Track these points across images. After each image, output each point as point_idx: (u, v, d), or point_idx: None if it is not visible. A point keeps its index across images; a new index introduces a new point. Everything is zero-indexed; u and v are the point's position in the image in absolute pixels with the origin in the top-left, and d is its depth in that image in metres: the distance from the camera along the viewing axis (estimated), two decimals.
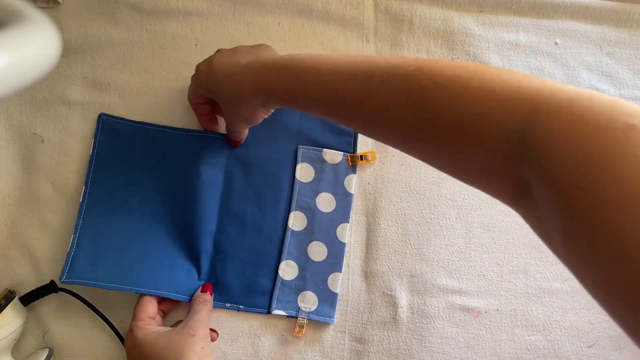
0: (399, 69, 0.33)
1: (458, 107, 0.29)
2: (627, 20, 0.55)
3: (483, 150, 0.29)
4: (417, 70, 0.32)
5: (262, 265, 0.51)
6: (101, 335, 0.50)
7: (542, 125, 0.26)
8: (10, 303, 0.46)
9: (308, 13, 0.54)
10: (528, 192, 0.28)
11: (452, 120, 0.30)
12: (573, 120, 0.25)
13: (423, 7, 0.54)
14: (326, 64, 0.37)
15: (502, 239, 0.52)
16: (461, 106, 0.29)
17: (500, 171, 0.29)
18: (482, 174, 0.31)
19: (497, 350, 0.51)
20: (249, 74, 0.41)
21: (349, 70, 0.35)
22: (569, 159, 0.24)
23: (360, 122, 0.37)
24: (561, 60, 0.55)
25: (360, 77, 0.34)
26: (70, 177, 0.52)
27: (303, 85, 0.38)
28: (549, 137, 0.25)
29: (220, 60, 0.43)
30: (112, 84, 0.53)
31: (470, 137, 0.29)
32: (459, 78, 0.30)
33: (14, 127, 0.52)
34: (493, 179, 0.30)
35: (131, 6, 0.53)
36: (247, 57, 0.42)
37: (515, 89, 0.28)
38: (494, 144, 0.28)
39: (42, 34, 0.27)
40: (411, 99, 0.32)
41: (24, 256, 0.51)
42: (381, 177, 0.53)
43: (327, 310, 0.50)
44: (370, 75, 0.34)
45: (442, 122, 0.30)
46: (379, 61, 0.35)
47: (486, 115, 0.28)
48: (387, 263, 0.51)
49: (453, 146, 0.31)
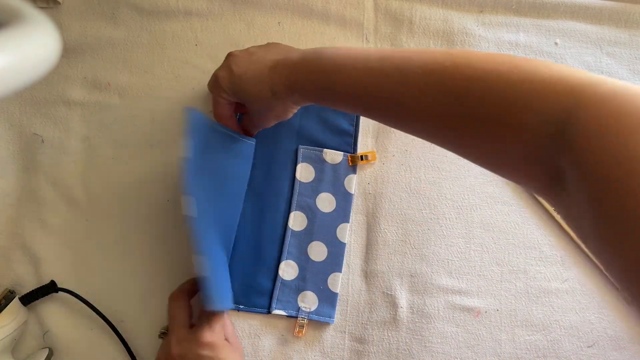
0: (435, 65, 0.33)
1: (498, 98, 0.30)
2: (627, 20, 0.55)
3: (521, 141, 0.29)
4: (454, 65, 0.32)
5: (262, 265, 0.51)
6: (101, 335, 0.50)
7: (584, 117, 0.26)
8: (10, 303, 0.46)
9: (308, 13, 0.54)
10: (561, 180, 0.28)
11: (491, 112, 0.30)
12: (616, 113, 0.25)
13: (423, 7, 0.54)
14: (355, 61, 0.37)
15: (502, 239, 0.52)
16: (501, 97, 0.29)
17: (536, 160, 0.29)
18: (518, 164, 0.31)
19: (497, 350, 0.51)
20: (278, 74, 0.41)
21: (380, 68, 0.35)
22: (608, 150, 0.24)
23: (394, 117, 0.37)
24: (561, 60, 0.55)
25: (395, 75, 0.34)
26: (70, 177, 0.52)
27: (334, 83, 0.38)
28: (590, 128, 0.26)
29: (240, 64, 0.43)
30: (112, 84, 0.53)
31: (510, 127, 0.29)
32: (498, 70, 0.30)
33: (14, 127, 0.52)
34: (528, 169, 0.30)
35: (131, 6, 0.53)
36: (268, 57, 0.42)
37: (556, 79, 0.28)
38: (532, 134, 0.28)
39: (42, 34, 0.27)
40: (449, 94, 0.32)
41: (24, 256, 0.51)
42: (381, 177, 0.53)
43: (327, 310, 0.50)
44: (404, 72, 0.34)
45: (481, 114, 0.30)
46: (412, 56, 0.34)
47: (526, 106, 0.28)
48: (387, 263, 0.51)
49: (491, 138, 0.31)
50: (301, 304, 0.50)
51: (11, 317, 0.46)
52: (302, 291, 0.50)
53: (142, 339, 0.50)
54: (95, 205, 0.52)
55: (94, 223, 0.51)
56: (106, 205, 0.52)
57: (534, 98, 0.28)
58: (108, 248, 0.51)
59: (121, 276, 0.51)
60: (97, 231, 0.51)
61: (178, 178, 0.51)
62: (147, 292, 0.51)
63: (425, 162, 0.53)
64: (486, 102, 0.30)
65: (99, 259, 0.51)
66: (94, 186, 0.52)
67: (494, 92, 0.30)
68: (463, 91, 0.31)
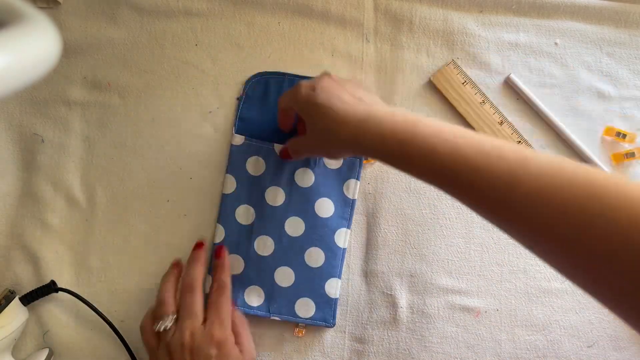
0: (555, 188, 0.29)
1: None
2: (627, 20, 0.55)
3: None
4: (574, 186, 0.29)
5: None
6: (101, 335, 0.50)
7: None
8: (10, 303, 0.46)
9: (308, 13, 0.54)
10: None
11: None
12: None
13: (423, 7, 0.54)
14: (455, 145, 0.34)
15: (502, 239, 0.52)
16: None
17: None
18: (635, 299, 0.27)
19: (497, 350, 0.51)
20: (362, 129, 0.38)
21: (488, 171, 0.32)
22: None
23: (497, 221, 0.34)
24: (561, 60, 0.55)
25: (505, 177, 0.31)
26: (70, 177, 0.52)
27: (421, 167, 0.35)
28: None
29: (328, 94, 0.40)
30: (112, 84, 0.53)
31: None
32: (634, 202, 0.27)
33: (14, 127, 0.52)
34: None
35: (131, 6, 0.53)
36: (357, 105, 0.39)
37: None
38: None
39: (42, 34, 0.27)
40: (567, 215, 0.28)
41: (24, 256, 0.51)
42: (381, 177, 0.53)
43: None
44: (516, 177, 0.31)
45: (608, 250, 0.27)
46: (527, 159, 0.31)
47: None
48: (387, 263, 0.51)
49: (612, 275, 0.27)
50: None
51: (11, 317, 0.46)
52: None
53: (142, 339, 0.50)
54: (95, 206, 0.52)
55: (94, 223, 0.51)
56: (106, 205, 0.52)
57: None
58: (108, 248, 0.51)
59: (121, 276, 0.51)
60: (97, 231, 0.51)
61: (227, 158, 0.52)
62: (147, 292, 0.51)
63: None
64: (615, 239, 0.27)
65: (99, 259, 0.51)
66: (94, 186, 0.52)
67: (626, 229, 0.27)
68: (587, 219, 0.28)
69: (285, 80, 0.53)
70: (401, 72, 0.54)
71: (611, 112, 0.54)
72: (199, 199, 0.52)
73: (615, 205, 0.27)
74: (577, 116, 0.54)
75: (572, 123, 0.54)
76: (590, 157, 0.52)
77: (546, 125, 0.54)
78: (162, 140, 0.53)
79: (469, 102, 0.53)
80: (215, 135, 0.53)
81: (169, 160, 0.52)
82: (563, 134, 0.53)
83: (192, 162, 0.52)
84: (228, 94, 0.53)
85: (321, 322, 0.50)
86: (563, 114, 0.54)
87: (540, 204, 0.30)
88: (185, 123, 0.53)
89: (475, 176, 0.33)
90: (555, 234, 0.29)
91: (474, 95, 0.53)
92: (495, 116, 0.53)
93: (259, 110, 0.52)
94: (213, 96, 0.53)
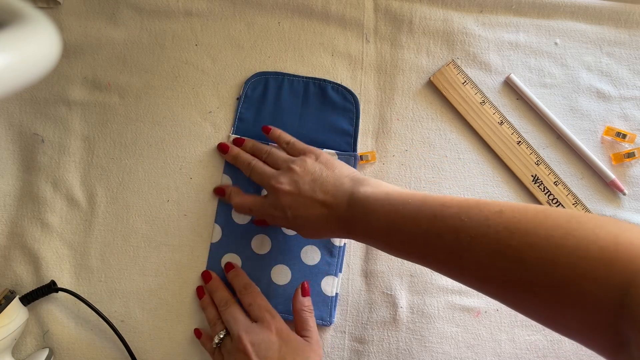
0: (486, 229, 0.33)
1: (555, 268, 0.29)
2: (627, 20, 0.55)
3: (583, 308, 0.29)
4: (507, 231, 0.32)
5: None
6: (101, 335, 0.50)
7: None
8: (10, 303, 0.46)
9: (308, 13, 0.54)
10: (625, 346, 0.28)
11: (550, 281, 0.30)
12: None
13: (423, 7, 0.54)
14: (405, 221, 0.37)
15: None
16: (558, 267, 0.29)
17: (599, 326, 0.29)
18: (581, 329, 0.30)
19: (497, 350, 0.51)
20: (331, 224, 0.42)
21: (432, 228, 0.35)
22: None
23: (451, 275, 0.37)
24: (561, 60, 0.55)
25: (447, 236, 0.35)
26: (70, 177, 0.52)
27: (387, 240, 0.39)
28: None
29: (292, 205, 0.43)
30: (112, 84, 0.53)
31: (570, 295, 0.29)
32: (552, 238, 0.30)
33: (14, 127, 0.52)
34: (591, 334, 0.30)
35: (131, 6, 0.54)
36: (317, 196, 0.42)
37: (613, 249, 0.28)
38: (594, 302, 0.28)
39: (42, 34, 0.27)
40: (504, 260, 0.32)
41: (24, 256, 0.51)
42: (381, 177, 0.53)
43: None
44: (456, 234, 0.34)
45: (540, 282, 0.30)
46: (460, 214, 0.34)
47: (584, 275, 0.28)
48: (387, 263, 0.51)
49: (552, 304, 0.30)
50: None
51: (11, 317, 0.46)
52: None
53: (142, 339, 0.50)
54: (95, 206, 0.52)
55: (94, 223, 0.51)
56: (106, 205, 0.52)
57: (592, 267, 0.28)
58: (108, 248, 0.51)
59: (121, 276, 0.51)
60: (97, 231, 0.51)
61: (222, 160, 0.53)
62: (147, 292, 0.51)
63: (425, 162, 0.53)
64: (544, 271, 0.30)
65: (99, 259, 0.51)
66: (94, 186, 0.52)
67: (549, 261, 0.30)
68: (518, 258, 0.31)
69: (284, 80, 0.53)
70: (401, 72, 0.54)
71: (611, 112, 0.54)
72: (199, 199, 0.52)
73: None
74: (577, 116, 0.54)
75: (572, 123, 0.54)
76: (590, 157, 0.52)
77: (546, 125, 0.54)
78: (162, 140, 0.53)
79: (469, 102, 0.53)
80: (215, 135, 0.53)
81: (169, 160, 0.52)
82: (563, 134, 0.53)
83: (192, 162, 0.52)
84: (228, 94, 0.53)
85: (318, 320, 0.50)
86: (563, 114, 0.54)
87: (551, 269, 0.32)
88: (185, 123, 0.53)
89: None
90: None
91: (474, 95, 0.53)
92: (495, 116, 0.53)
93: (258, 110, 0.53)
94: (213, 96, 0.53)
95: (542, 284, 0.30)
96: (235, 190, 0.50)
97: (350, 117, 0.53)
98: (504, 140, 0.53)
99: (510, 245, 0.31)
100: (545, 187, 0.52)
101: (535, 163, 0.52)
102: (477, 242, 0.33)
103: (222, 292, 0.48)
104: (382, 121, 0.53)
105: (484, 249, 0.33)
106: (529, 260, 0.31)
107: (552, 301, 0.30)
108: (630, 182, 0.53)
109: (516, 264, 0.31)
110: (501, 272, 0.32)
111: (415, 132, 0.53)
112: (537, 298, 0.31)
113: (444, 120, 0.54)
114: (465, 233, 0.33)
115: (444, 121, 0.54)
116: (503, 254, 0.32)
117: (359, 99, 0.53)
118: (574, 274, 0.29)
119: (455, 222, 0.34)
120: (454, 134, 0.53)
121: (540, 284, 0.30)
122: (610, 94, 0.54)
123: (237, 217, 0.51)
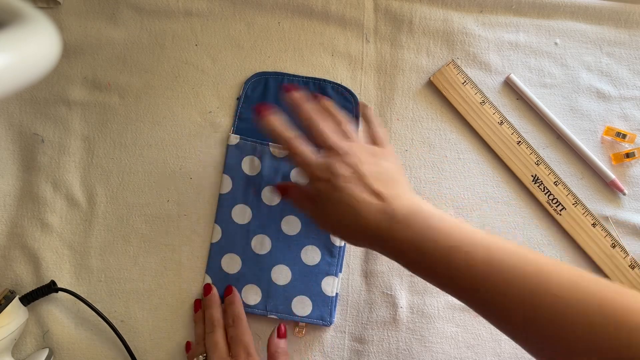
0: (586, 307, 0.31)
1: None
2: (627, 20, 0.55)
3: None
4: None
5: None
6: (101, 335, 0.50)
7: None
8: (10, 303, 0.46)
9: (308, 13, 0.54)
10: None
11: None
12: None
13: (423, 7, 0.54)
14: (491, 264, 0.35)
15: None
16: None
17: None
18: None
19: (497, 351, 0.51)
20: (389, 208, 0.37)
21: (520, 288, 0.33)
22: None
23: (504, 328, 0.36)
24: (561, 60, 0.55)
25: (526, 296, 0.33)
26: (70, 177, 0.52)
27: (448, 266, 0.37)
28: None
29: (349, 189, 0.38)
30: (112, 84, 0.53)
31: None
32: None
33: (14, 127, 0.52)
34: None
35: (131, 6, 0.54)
36: (377, 211, 0.37)
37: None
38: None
39: (42, 34, 0.27)
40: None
41: (24, 256, 0.51)
42: None
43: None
44: (535, 299, 0.32)
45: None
46: (550, 276, 0.33)
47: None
48: (387, 263, 0.51)
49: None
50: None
51: (11, 317, 0.46)
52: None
53: (142, 339, 0.50)
54: (95, 206, 0.52)
55: (94, 223, 0.51)
56: (106, 205, 0.52)
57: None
58: (108, 248, 0.51)
59: (121, 276, 0.51)
60: (97, 231, 0.51)
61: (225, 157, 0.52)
62: (147, 292, 0.51)
63: (425, 162, 0.53)
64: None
65: (99, 259, 0.51)
66: (94, 186, 0.52)
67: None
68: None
69: (284, 80, 0.53)
70: (401, 72, 0.54)
71: (611, 112, 0.54)
72: (199, 199, 0.52)
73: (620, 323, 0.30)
74: (577, 116, 0.54)
75: (572, 123, 0.54)
76: (590, 157, 0.52)
77: (546, 125, 0.54)
78: (162, 140, 0.53)
79: (469, 102, 0.53)
80: (215, 135, 0.53)
81: (169, 160, 0.52)
82: (563, 134, 0.53)
83: (192, 162, 0.52)
84: (228, 94, 0.53)
85: (318, 320, 0.50)
86: (563, 114, 0.54)
87: (560, 325, 0.32)
88: (185, 123, 0.53)
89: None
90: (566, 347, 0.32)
91: (474, 95, 0.53)
92: (495, 116, 0.53)
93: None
94: (213, 96, 0.53)
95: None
96: (301, 140, 0.43)
97: (350, 117, 0.53)
98: (504, 140, 0.53)
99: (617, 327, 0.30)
100: (545, 187, 0.52)
101: (535, 163, 0.52)
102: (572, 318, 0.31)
103: (213, 312, 0.48)
104: (382, 121, 0.53)
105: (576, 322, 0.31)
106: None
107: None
108: (630, 182, 0.53)
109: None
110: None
111: (415, 132, 0.53)
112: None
113: (444, 120, 0.54)
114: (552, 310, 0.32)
115: (444, 121, 0.54)
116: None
117: (359, 99, 0.53)
118: None
119: (537, 286, 0.33)
120: (454, 134, 0.53)
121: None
122: (610, 94, 0.54)
123: (237, 217, 0.51)
